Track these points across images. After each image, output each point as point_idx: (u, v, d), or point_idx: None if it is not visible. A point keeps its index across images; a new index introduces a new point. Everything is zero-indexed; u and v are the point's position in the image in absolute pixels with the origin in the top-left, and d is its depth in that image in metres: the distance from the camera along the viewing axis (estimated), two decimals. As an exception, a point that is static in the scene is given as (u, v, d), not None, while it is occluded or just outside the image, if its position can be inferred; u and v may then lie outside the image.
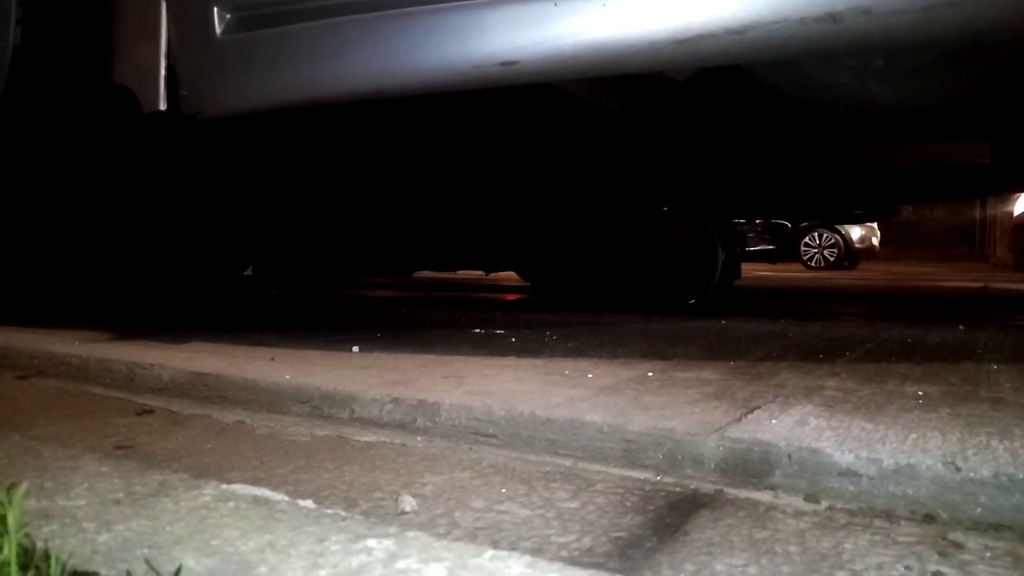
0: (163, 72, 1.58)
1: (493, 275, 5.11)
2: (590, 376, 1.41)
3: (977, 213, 14.49)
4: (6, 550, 0.60)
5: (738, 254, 3.19)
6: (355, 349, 1.77)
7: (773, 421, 1.03)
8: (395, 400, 1.24)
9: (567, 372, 1.45)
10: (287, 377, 1.40)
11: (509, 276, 5.25)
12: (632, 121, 2.39)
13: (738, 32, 1.16)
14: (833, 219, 9.07)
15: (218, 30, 1.52)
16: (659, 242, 3.00)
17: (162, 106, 1.58)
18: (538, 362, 1.59)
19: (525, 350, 1.78)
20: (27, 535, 0.65)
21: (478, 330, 2.19)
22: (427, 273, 4.99)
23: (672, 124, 2.52)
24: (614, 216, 3.15)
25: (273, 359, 1.63)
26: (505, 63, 1.29)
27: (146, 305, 3.07)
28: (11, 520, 0.61)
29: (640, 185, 3.20)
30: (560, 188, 3.26)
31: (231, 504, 0.74)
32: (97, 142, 2.35)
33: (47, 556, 0.61)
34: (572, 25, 1.24)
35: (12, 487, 0.65)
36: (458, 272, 4.98)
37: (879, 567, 0.70)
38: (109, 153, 2.45)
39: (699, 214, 3.00)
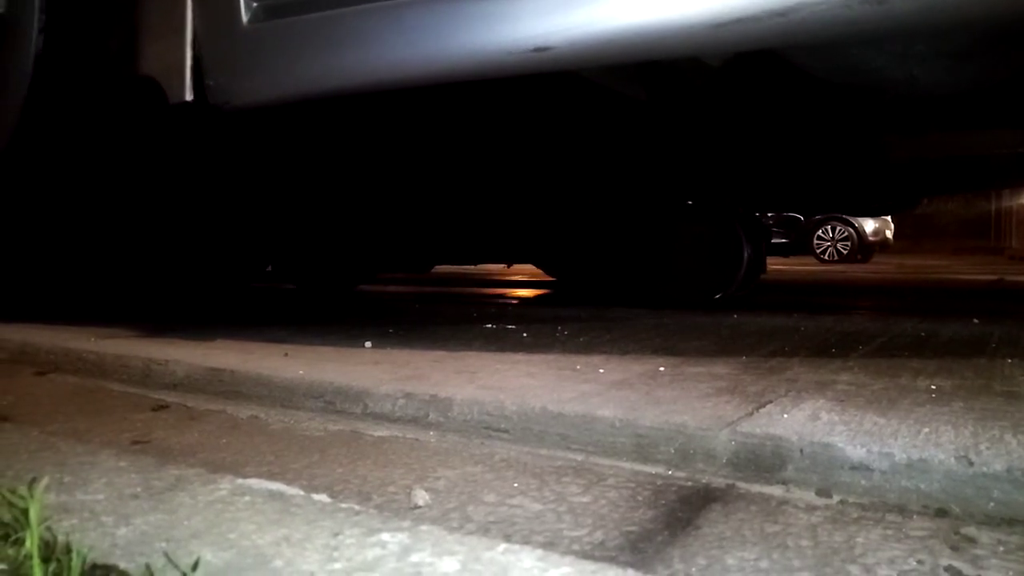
0: (189, 62, 1.57)
1: (511, 269, 5.09)
2: (602, 371, 1.41)
3: (992, 205, 14.36)
4: (28, 543, 0.61)
5: (763, 248, 3.12)
6: (368, 345, 1.78)
7: (785, 415, 1.03)
8: (408, 395, 1.25)
9: (579, 367, 1.46)
10: (301, 373, 1.41)
11: (526, 270, 5.25)
12: (658, 111, 2.34)
13: (781, 14, 1.13)
14: (858, 211, 8.86)
15: (244, 19, 1.50)
16: (684, 236, 2.96)
17: (188, 96, 1.57)
18: (550, 357, 1.60)
19: (537, 345, 1.78)
20: (48, 529, 0.66)
21: (490, 325, 2.19)
22: (443, 268, 4.99)
23: (699, 114, 2.47)
24: (638, 210, 3.12)
25: (287, 355, 1.64)
26: (537, 49, 1.26)
27: (170, 301, 3.09)
28: (32, 514, 0.62)
29: (665, 178, 3.15)
30: (583, 181, 3.23)
31: (247, 498, 0.75)
32: (123, 137, 2.35)
33: (68, 549, 0.62)
34: (606, 9, 1.21)
35: (33, 482, 0.66)
36: (475, 267, 4.98)
37: (891, 561, 0.70)
38: (135, 150, 2.45)
39: (725, 208, 2.97)
